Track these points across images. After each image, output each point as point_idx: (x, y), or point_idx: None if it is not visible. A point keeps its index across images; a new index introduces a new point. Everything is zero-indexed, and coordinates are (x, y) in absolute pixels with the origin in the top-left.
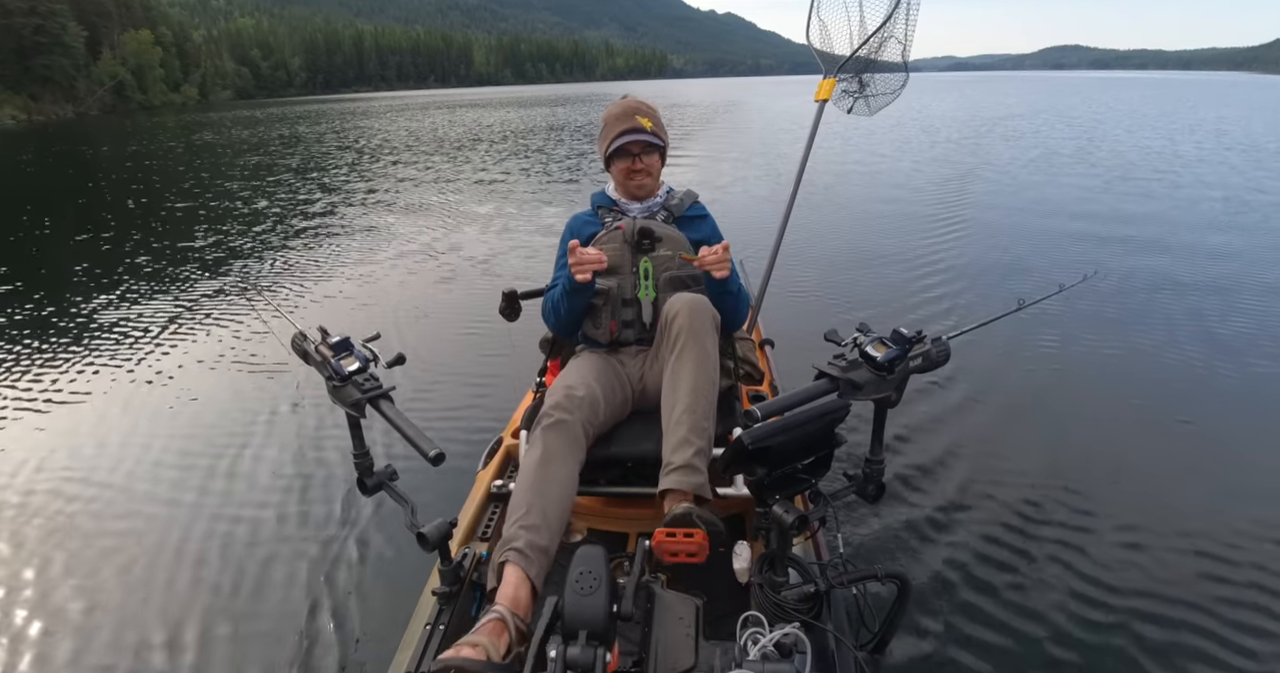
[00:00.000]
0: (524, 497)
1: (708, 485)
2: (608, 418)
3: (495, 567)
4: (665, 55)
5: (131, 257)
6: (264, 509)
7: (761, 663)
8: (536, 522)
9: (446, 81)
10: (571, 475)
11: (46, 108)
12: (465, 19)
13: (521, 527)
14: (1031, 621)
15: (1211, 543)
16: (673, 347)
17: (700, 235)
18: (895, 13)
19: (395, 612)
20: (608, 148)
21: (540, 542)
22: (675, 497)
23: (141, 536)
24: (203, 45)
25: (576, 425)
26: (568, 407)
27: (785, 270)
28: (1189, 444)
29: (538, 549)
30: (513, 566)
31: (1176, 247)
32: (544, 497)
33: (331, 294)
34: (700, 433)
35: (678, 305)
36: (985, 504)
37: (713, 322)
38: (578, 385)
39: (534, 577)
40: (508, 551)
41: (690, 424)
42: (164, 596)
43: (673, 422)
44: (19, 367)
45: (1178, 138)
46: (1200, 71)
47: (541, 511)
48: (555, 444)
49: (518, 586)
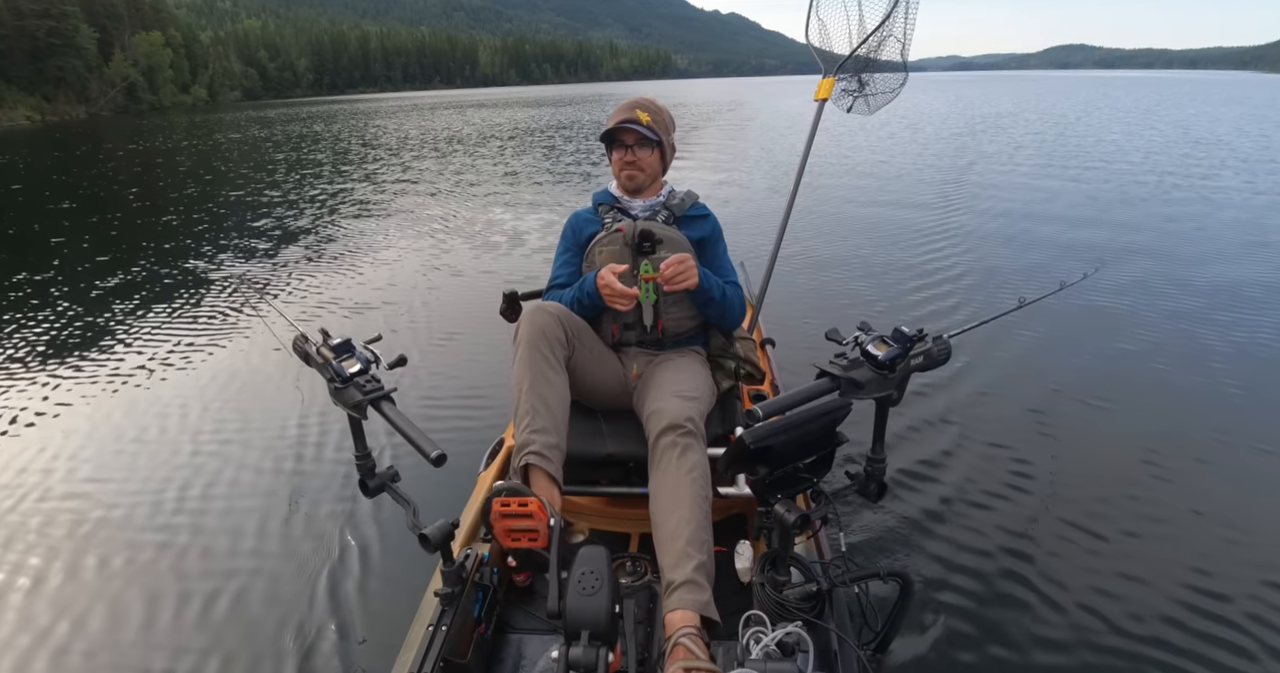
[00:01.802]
0: (528, 401)
1: (713, 603)
2: (586, 359)
3: (518, 470)
4: (669, 56)
5: (133, 256)
6: (265, 511)
7: (764, 662)
8: (545, 423)
9: (452, 82)
10: (562, 380)
11: (60, 108)
12: (470, 20)
13: (533, 431)
14: (1034, 620)
15: (1217, 542)
16: (658, 462)
17: (702, 235)
18: (894, 11)
19: (398, 613)
20: (604, 132)
21: (552, 440)
22: (681, 617)
23: (142, 537)
24: (210, 47)
25: (555, 326)
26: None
27: (786, 270)
28: (1193, 442)
29: (552, 448)
30: (536, 469)
31: (1178, 243)
32: (545, 400)
33: (333, 296)
34: (700, 546)
35: (660, 418)
36: (987, 503)
37: (700, 423)
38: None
39: (554, 472)
40: (528, 454)
41: (687, 537)
42: (165, 597)
43: (666, 536)
44: (18, 366)
45: (1179, 136)
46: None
47: (547, 410)
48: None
49: (547, 488)
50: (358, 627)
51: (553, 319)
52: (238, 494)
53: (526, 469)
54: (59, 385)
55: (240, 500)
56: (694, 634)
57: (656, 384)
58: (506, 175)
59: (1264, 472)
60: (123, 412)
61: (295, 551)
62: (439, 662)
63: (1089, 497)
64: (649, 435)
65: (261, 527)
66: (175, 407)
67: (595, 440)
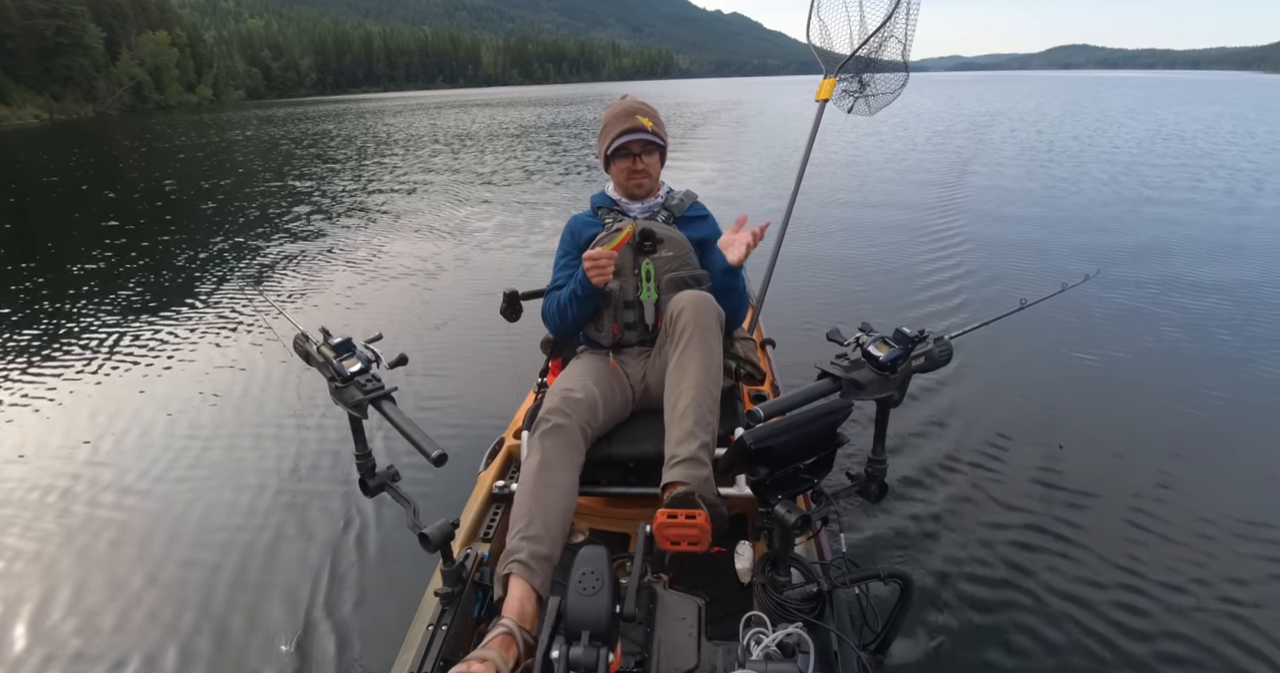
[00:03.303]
0: (525, 505)
1: (713, 481)
2: (607, 419)
3: (500, 579)
4: (671, 55)
5: (135, 256)
6: (265, 511)
7: (764, 663)
8: (539, 532)
9: (455, 82)
10: (572, 480)
11: (68, 107)
12: (473, 19)
13: (523, 538)
14: (1034, 621)
15: (1220, 544)
16: (676, 342)
17: (701, 235)
18: (895, 12)
19: (397, 612)
20: (608, 147)
21: (543, 551)
22: (679, 489)
23: (142, 537)
24: (214, 46)
25: (574, 429)
26: (565, 410)
27: (787, 270)
28: (1195, 441)
29: (540, 559)
30: (517, 579)
31: (1180, 244)
32: (545, 505)
33: (334, 295)
34: (705, 427)
35: (682, 302)
36: (988, 503)
37: (718, 319)
38: (576, 388)
39: (538, 587)
40: (511, 563)
41: (695, 418)
42: (165, 595)
43: (676, 416)
44: (17, 366)
45: (1181, 135)
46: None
47: (544, 520)
48: (554, 449)
49: (523, 599)
50: (357, 626)
51: (574, 425)
52: (237, 493)
53: (507, 577)
54: (58, 386)
55: (237, 500)
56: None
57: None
58: (510, 174)
59: (1269, 473)
60: (121, 412)
61: (295, 550)
62: (439, 662)
63: (1090, 498)
64: (671, 318)
65: (260, 526)
66: (174, 406)
67: (596, 441)
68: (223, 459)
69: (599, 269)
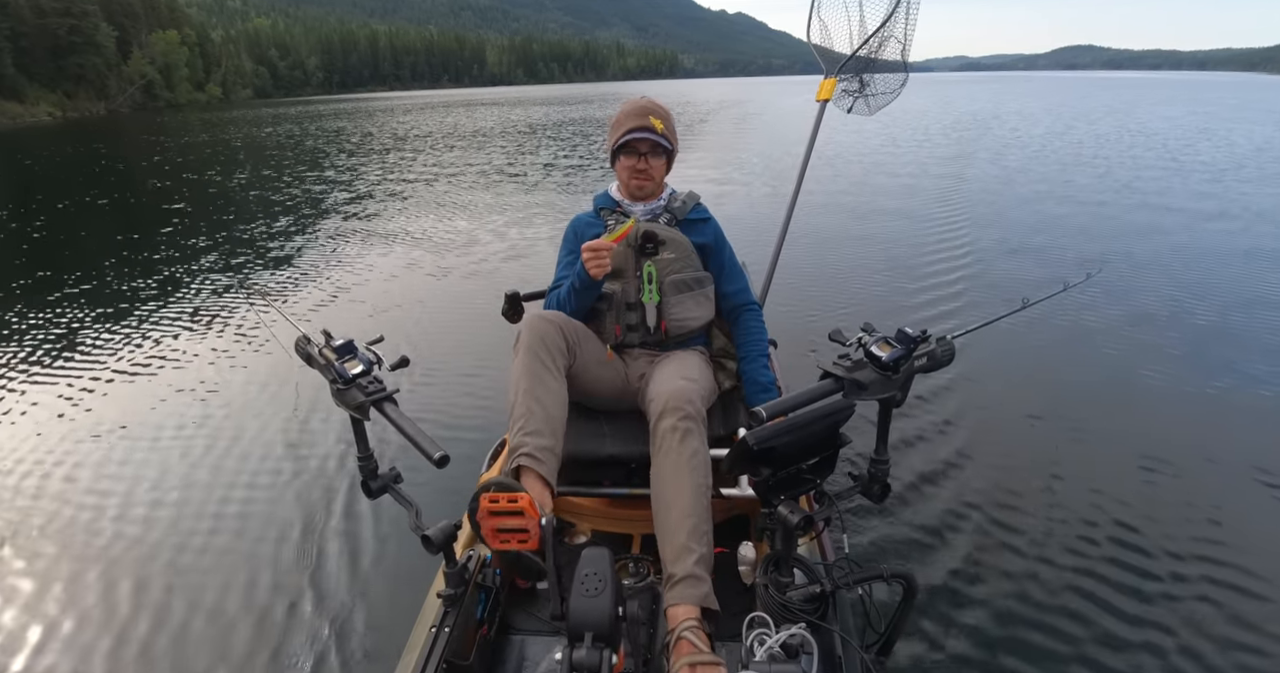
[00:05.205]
0: (523, 405)
1: (713, 595)
2: (585, 361)
3: (509, 472)
4: (676, 55)
5: (136, 256)
6: (267, 512)
7: (768, 664)
8: (540, 426)
9: (460, 81)
10: (561, 384)
11: (80, 105)
12: (478, 19)
13: (526, 433)
14: (1038, 620)
15: (1224, 545)
16: (659, 447)
17: (704, 238)
18: (895, 12)
19: (400, 614)
20: (617, 140)
21: (546, 443)
22: (683, 611)
23: (142, 540)
24: (222, 45)
25: (555, 334)
26: (548, 317)
27: (788, 270)
28: (1200, 442)
29: (545, 450)
30: (527, 471)
31: (1181, 243)
32: (542, 402)
33: (335, 297)
34: (700, 538)
35: (661, 400)
36: (991, 503)
37: (701, 408)
38: (555, 318)
39: (547, 475)
40: (520, 456)
41: (688, 529)
42: (166, 598)
43: (669, 528)
44: (16, 370)
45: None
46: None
47: (543, 415)
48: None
49: (539, 490)
50: (360, 628)
51: (554, 327)
52: (238, 495)
53: (518, 471)
54: (57, 386)
55: (238, 502)
56: (696, 627)
57: (658, 374)
58: (513, 174)
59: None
60: (120, 413)
61: (297, 551)
62: (442, 663)
63: (1093, 497)
64: (650, 419)
65: (262, 528)
66: (175, 408)
67: (597, 441)
68: (223, 462)
69: (598, 260)
